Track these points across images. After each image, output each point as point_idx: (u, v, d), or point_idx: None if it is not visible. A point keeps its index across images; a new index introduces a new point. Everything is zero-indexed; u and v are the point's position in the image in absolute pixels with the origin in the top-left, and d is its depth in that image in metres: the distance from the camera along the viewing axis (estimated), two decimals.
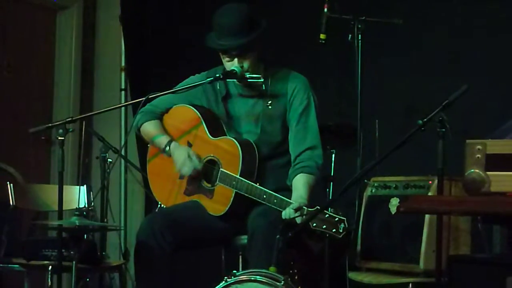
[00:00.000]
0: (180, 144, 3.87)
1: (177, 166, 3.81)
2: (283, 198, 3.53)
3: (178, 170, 3.81)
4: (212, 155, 3.81)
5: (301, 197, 3.58)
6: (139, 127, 3.98)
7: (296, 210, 3.45)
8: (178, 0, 6.01)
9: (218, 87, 3.88)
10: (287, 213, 3.48)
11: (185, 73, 4.00)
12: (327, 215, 3.32)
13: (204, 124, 3.86)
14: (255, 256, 3.51)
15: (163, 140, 3.89)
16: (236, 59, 3.72)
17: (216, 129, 3.85)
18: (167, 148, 3.86)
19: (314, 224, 3.32)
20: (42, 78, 6.30)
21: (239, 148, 3.70)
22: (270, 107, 3.80)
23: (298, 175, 3.70)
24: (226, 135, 3.83)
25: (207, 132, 3.84)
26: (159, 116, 3.98)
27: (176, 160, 3.83)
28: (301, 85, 3.81)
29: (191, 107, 3.91)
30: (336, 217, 3.31)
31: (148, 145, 4.03)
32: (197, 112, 3.89)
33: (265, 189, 3.59)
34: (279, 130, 3.82)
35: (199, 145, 3.86)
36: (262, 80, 3.75)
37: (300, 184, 3.67)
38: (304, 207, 3.43)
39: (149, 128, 3.95)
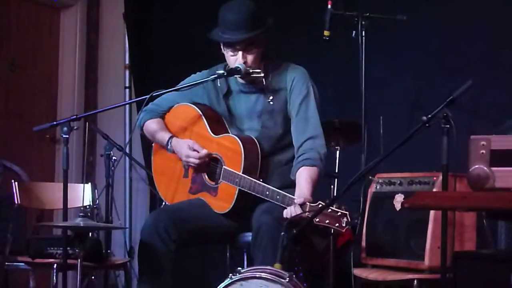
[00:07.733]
0: (181, 138, 3.87)
1: (183, 160, 3.82)
2: (286, 194, 3.53)
3: (185, 163, 3.82)
4: (214, 153, 3.81)
5: (304, 193, 3.57)
6: (142, 125, 3.99)
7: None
8: None
9: (219, 84, 3.87)
10: (289, 210, 3.47)
11: (188, 70, 4.00)
12: (330, 210, 3.31)
13: (205, 122, 3.86)
14: (260, 253, 3.51)
15: (165, 137, 3.90)
16: (240, 54, 3.72)
17: (217, 127, 3.85)
18: (169, 145, 3.87)
19: (317, 219, 3.32)
20: (46, 76, 6.30)
21: (241, 145, 3.70)
22: (271, 102, 3.79)
23: (301, 169, 3.68)
24: (227, 133, 3.83)
25: (209, 130, 3.84)
26: (162, 115, 3.99)
27: (180, 154, 3.84)
28: (300, 75, 3.80)
29: (193, 105, 3.91)
30: (338, 212, 3.31)
31: (153, 144, 4.03)
32: (198, 110, 3.89)
33: (268, 186, 3.59)
34: (280, 124, 3.79)
35: (201, 143, 3.85)
36: (262, 75, 3.74)
37: (302, 179, 3.65)
38: (307, 203, 3.43)
39: (152, 126, 3.97)
